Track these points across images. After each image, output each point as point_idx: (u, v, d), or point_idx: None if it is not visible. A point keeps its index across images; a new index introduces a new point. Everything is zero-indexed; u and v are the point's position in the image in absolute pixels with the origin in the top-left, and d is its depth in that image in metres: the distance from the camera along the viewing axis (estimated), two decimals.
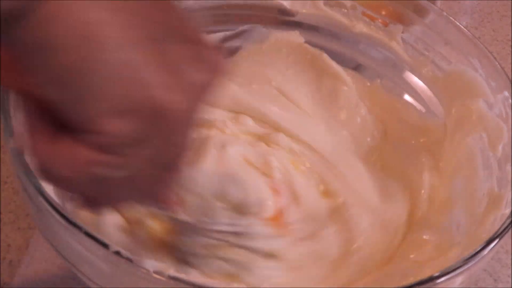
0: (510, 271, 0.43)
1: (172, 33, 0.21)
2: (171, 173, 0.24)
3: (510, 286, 0.43)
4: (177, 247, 0.34)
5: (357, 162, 0.43)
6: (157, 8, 0.21)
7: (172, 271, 0.25)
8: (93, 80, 0.19)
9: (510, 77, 0.39)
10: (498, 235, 0.30)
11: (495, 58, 0.40)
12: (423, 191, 0.40)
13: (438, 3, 0.53)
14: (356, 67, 0.46)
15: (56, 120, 0.21)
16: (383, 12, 0.44)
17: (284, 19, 0.47)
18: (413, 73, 0.44)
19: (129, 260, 0.25)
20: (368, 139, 0.45)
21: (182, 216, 0.31)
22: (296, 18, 0.47)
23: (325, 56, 0.45)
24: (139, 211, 0.34)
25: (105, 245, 0.25)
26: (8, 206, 0.42)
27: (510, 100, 0.39)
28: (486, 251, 0.29)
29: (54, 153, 0.21)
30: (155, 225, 0.34)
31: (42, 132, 0.21)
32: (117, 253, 0.25)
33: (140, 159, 0.22)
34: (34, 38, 0.19)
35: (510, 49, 0.62)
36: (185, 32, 0.22)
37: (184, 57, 0.21)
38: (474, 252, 0.29)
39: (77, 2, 0.19)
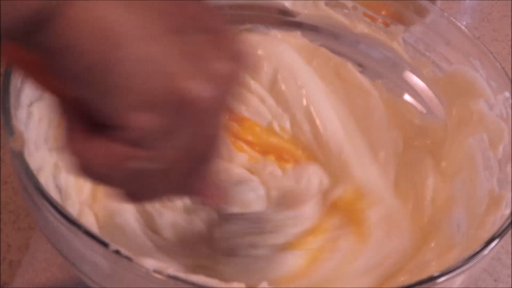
0: (510, 271, 0.43)
1: (191, 24, 0.21)
2: (205, 164, 0.24)
3: (510, 286, 0.43)
4: (216, 238, 0.34)
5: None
6: (174, 1, 0.21)
7: (171, 270, 0.25)
8: (115, 76, 0.20)
9: (511, 78, 0.39)
10: (498, 235, 0.30)
11: (495, 58, 0.40)
12: (427, 193, 0.40)
13: (438, 3, 0.53)
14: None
15: (90, 119, 0.21)
16: (384, 12, 0.44)
17: (285, 20, 0.47)
18: (414, 74, 0.44)
19: (128, 259, 0.25)
20: (392, 150, 0.44)
21: (221, 207, 0.31)
22: (297, 19, 0.47)
23: (350, 66, 0.45)
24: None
25: (105, 244, 0.25)
26: (8, 206, 0.42)
27: (511, 101, 0.39)
28: (486, 251, 0.29)
29: (90, 151, 0.22)
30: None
31: (78, 131, 0.22)
32: (117, 252, 0.25)
33: (172, 151, 0.22)
34: (58, 41, 0.20)
35: (510, 49, 0.61)
36: (205, 22, 0.22)
37: (206, 46, 0.21)
38: (474, 252, 0.29)
39: (95, 3, 0.20)
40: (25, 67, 0.23)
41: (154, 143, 0.21)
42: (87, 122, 0.22)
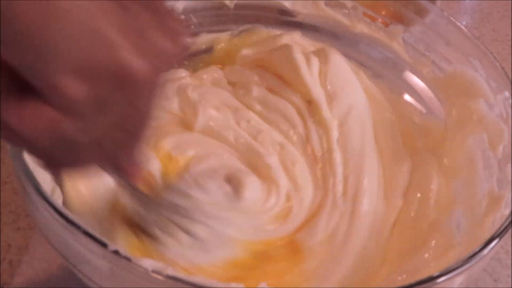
0: (510, 271, 0.43)
1: (136, 2, 0.21)
2: (134, 140, 0.24)
3: (510, 286, 0.43)
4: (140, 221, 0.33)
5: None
6: None
7: (170, 270, 0.25)
8: (51, 39, 0.19)
9: (511, 78, 0.39)
10: (498, 235, 0.30)
11: (495, 58, 0.40)
12: (430, 194, 0.39)
13: (438, 3, 0.53)
14: None
15: (23, 83, 0.20)
16: (384, 12, 0.44)
17: (285, 20, 0.47)
18: (413, 74, 0.44)
19: (127, 259, 0.25)
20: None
21: (142, 187, 0.31)
22: (297, 19, 0.47)
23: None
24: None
25: (103, 244, 0.25)
26: (8, 206, 0.42)
27: (511, 101, 0.38)
28: (486, 251, 0.29)
29: (18, 113, 0.21)
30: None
31: (8, 93, 0.21)
32: (116, 252, 0.25)
33: (102, 123, 0.22)
34: None
35: (510, 49, 0.61)
36: (150, 1, 0.22)
37: (149, 23, 0.21)
38: (473, 252, 0.29)
39: None
40: None
41: (85, 113, 0.21)
42: (21, 85, 0.21)
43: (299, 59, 0.41)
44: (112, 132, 0.22)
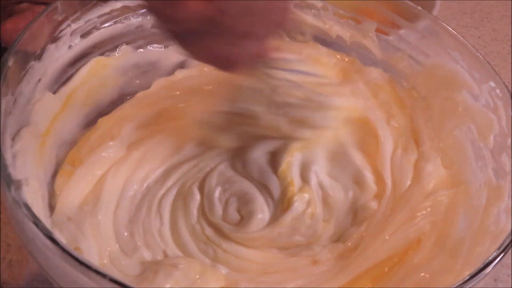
0: (510, 271, 0.42)
1: None
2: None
3: (510, 286, 0.41)
4: None
5: None
6: None
7: None
8: None
9: (510, 77, 0.38)
10: (498, 254, 0.29)
11: (475, 49, 0.40)
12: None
13: (438, 3, 0.53)
14: None
15: None
16: (354, 11, 0.44)
17: None
18: (388, 70, 0.44)
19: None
20: None
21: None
22: None
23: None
24: None
25: (102, 275, 0.25)
26: None
27: (498, 91, 0.38)
28: (483, 273, 0.28)
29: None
30: None
31: None
32: (113, 280, 0.24)
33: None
34: None
35: (510, 48, 0.60)
36: None
37: None
38: (473, 273, 0.28)
39: None
40: None
41: None
42: None
43: None
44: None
